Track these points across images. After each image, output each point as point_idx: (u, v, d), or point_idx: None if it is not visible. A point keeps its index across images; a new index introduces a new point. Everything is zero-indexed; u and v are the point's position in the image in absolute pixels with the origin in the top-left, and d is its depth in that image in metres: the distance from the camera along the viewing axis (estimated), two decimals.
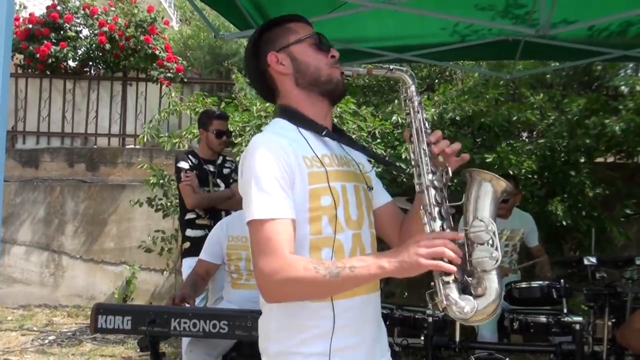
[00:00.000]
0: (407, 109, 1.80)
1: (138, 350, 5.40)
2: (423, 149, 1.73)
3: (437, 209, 1.67)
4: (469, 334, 4.63)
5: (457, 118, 6.20)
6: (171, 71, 8.99)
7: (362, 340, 1.77)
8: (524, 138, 7.03)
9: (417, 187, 1.73)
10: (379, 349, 1.87)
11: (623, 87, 7.92)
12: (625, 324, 3.72)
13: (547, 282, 4.12)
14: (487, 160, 5.86)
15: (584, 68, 7.80)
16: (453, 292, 1.60)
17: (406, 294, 6.55)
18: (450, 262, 1.56)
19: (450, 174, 1.74)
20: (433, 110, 6.06)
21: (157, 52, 9.03)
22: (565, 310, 3.94)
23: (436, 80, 7.65)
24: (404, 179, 5.94)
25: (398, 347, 4.53)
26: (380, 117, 6.03)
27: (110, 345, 6.19)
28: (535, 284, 4.18)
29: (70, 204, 8.13)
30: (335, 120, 5.70)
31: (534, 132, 6.85)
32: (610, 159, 7.53)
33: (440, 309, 1.62)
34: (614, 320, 4.16)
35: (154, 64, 8.99)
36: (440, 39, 4.73)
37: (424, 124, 1.77)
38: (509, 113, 6.12)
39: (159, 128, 7.14)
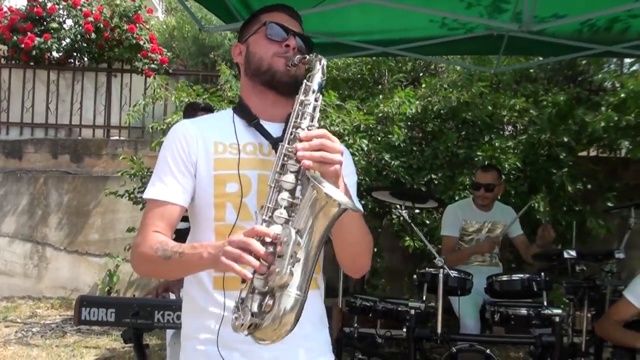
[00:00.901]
0: (298, 97, 1.64)
1: (123, 342, 5.41)
2: (287, 144, 1.58)
3: (276, 211, 1.51)
4: (452, 326, 4.68)
5: (442, 111, 6.25)
6: (155, 62, 8.95)
7: None
8: (508, 132, 7.09)
9: (269, 179, 1.57)
10: (304, 350, 1.76)
11: (606, 83, 7.99)
12: (604, 316, 3.77)
13: (527, 275, 4.16)
14: (475, 159, 5.93)
15: (568, 62, 7.85)
16: (251, 303, 1.45)
17: (388, 288, 6.60)
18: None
19: (307, 177, 1.51)
20: (417, 102, 6.09)
21: (141, 43, 8.98)
22: (545, 303, 3.99)
23: (421, 74, 7.68)
24: (390, 173, 5.98)
25: (381, 339, 4.59)
26: (364, 110, 6.06)
27: (94, 337, 6.19)
28: (515, 276, 4.22)
29: (54, 196, 8.10)
30: (319, 114, 5.71)
31: (517, 127, 6.90)
32: (594, 153, 7.61)
33: (233, 317, 1.49)
34: (593, 313, 4.23)
35: (139, 55, 8.94)
36: (425, 33, 4.74)
37: (311, 118, 1.61)
38: (494, 104, 6.17)
39: (143, 113, 7.11)
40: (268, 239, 1.44)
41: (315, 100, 1.63)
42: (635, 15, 4.18)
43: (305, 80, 1.67)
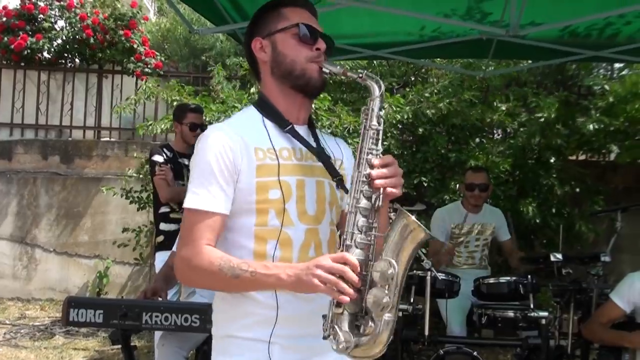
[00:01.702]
0: (364, 122, 1.73)
1: (111, 344, 5.40)
2: (362, 170, 1.67)
3: (356, 236, 1.63)
4: (440, 329, 4.70)
5: (431, 116, 6.28)
6: (149, 66, 8.95)
7: (307, 332, 1.77)
8: (497, 135, 7.13)
9: (345, 207, 1.71)
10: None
11: (595, 87, 8.03)
12: (591, 319, 3.81)
13: (514, 278, 4.18)
14: (464, 159, 5.96)
15: (557, 66, 7.89)
16: (341, 322, 1.60)
17: None
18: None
19: (381, 204, 1.66)
20: (408, 108, 6.12)
21: (134, 46, 8.98)
22: (532, 306, 4.02)
23: (412, 78, 7.71)
24: None
25: None
26: (355, 114, 6.08)
27: (83, 339, 6.18)
28: (503, 279, 4.24)
29: (44, 197, 8.07)
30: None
31: (507, 131, 6.94)
32: (582, 157, 7.66)
33: (326, 335, 1.62)
34: (580, 315, 4.26)
35: (132, 58, 8.93)
36: (416, 36, 4.77)
37: (376, 142, 1.70)
38: (482, 113, 6.21)
39: (134, 114, 7.10)
40: (357, 270, 1.57)
41: (379, 124, 1.70)
42: (628, 22, 4.22)
43: (368, 104, 1.72)
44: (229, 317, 1.81)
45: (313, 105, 5.71)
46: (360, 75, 1.75)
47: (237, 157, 1.74)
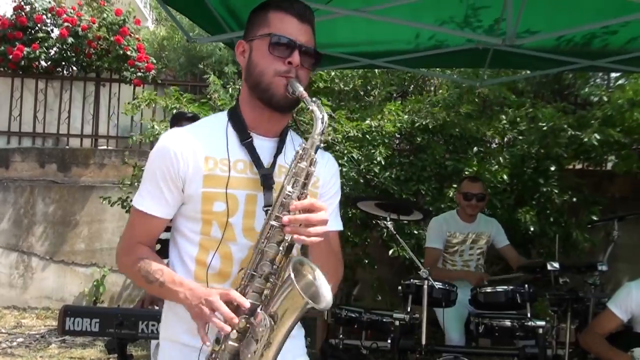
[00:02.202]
0: (294, 161, 1.64)
1: (107, 353, 5.38)
2: (277, 209, 1.61)
3: (255, 278, 1.60)
4: (437, 338, 4.70)
5: (430, 126, 6.30)
6: (142, 70, 8.95)
7: None
8: (496, 144, 7.14)
9: (254, 244, 1.65)
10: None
11: (592, 97, 8.05)
12: (588, 328, 3.80)
13: (511, 287, 4.19)
14: (460, 171, 5.97)
15: (554, 76, 7.92)
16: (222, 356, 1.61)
17: (380, 297, 6.61)
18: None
19: (292, 248, 1.62)
20: (406, 117, 6.14)
21: (128, 53, 8.99)
22: (529, 315, 4.01)
23: (411, 87, 7.73)
24: (377, 183, 6.01)
25: (366, 350, 4.59)
26: (355, 121, 6.10)
27: (79, 348, 6.15)
28: (500, 288, 4.24)
29: (41, 205, 8.06)
30: (308, 124, 5.74)
31: (505, 140, 6.95)
32: (579, 166, 7.67)
33: None
34: (577, 325, 4.26)
35: (126, 64, 8.94)
36: (412, 45, 4.78)
37: (303, 184, 1.61)
38: (477, 129, 6.24)
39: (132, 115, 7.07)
40: (244, 309, 1.58)
41: (310, 165, 1.62)
42: (613, 32, 4.24)
43: (303, 144, 1.64)
44: (172, 319, 1.83)
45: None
46: (310, 107, 1.64)
47: (183, 165, 1.71)
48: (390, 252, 5.97)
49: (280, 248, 1.60)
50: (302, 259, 1.61)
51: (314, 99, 1.66)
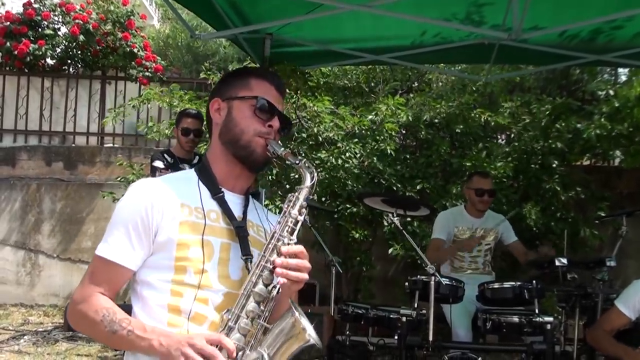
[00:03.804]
0: (286, 208, 1.70)
1: (113, 349, 5.39)
2: (268, 254, 1.64)
3: (242, 320, 1.59)
4: (444, 334, 4.68)
5: (435, 121, 6.27)
6: (150, 70, 8.96)
7: None
8: (501, 141, 7.12)
9: (242, 287, 1.65)
10: None
11: (599, 92, 8.02)
12: (595, 325, 3.77)
13: (519, 283, 4.15)
14: (465, 169, 5.95)
15: (561, 72, 7.89)
16: None
17: (385, 293, 6.60)
18: None
19: (277, 294, 1.63)
20: (410, 112, 6.12)
21: (135, 50, 8.99)
22: (537, 311, 3.98)
23: (415, 84, 7.71)
24: (382, 180, 6.00)
25: (373, 347, 4.57)
26: (358, 116, 6.08)
27: (86, 345, 6.16)
28: (507, 284, 4.20)
29: (48, 203, 8.08)
30: (311, 120, 5.73)
31: (510, 135, 6.93)
32: (587, 162, 7.63)
33: None
34: (585, 321, 4.23)
35: (133, 63, 8.95)
36: (418, 41, 4.76)
37: (291, 231, 1.66)
38: (479, 117, 6.20)
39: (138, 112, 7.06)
40: (232, 355, 1.53)
41: (300, 214, 1.68)
42: (618, 27, 4.21)
43: (295, 192, 1.71)
44: None
45: (315, 108, 5.77)
46: (298, 162, 1.73)
47: (157, 214, 1.69)
48: (390, 250, 5.95)
49: (269, 290, 1.61)
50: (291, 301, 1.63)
51: (298, 157, 1.74)
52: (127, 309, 1.73)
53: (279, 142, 1.81)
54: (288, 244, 1.64)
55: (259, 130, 1.77)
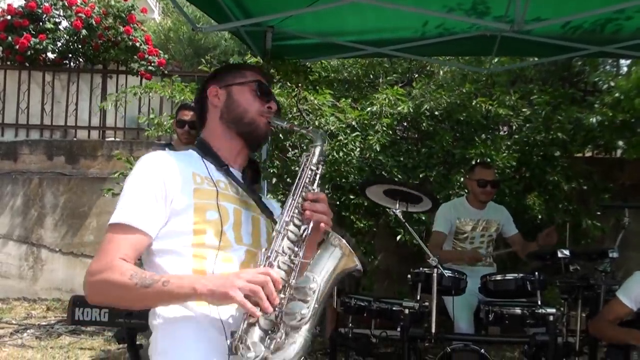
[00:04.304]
0: (303, 161, 1.84)
1: (117, 342, 5.40)
2: (296, 200, 1.75)
3: (280, 257, 1.64)
4: (447, 326, 4.68)
5: (436, 112, 6.25)
6: (152, 64, 8.96)
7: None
8: (503, 132, 7.10)
9: (274, 229, 1.72)
10: None
11: (601, 83, 8.01)
12: (598, 316, 3.77)
13: (521, 275, 4.15)
14: (468, 156, 5.93)
15: (563, 63, 7.87)
16: (251, 335, 1.55)
17: (388, 285, 6.59)
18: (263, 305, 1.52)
19: (309, 233, 1.72)
20: (410, 103, 6.11)
21: (137, 45, 8.98)
22: (539, 302, 3.98)
23: (416, 75, 7.69)
24: (383, 172, 5.99)
25: (375, 339, 4.58)
26: (359, 108, 6.07)
27: (89, 338, 6.18)
28: (509, 276, 4.19)
29: (50, 197, 8.08)
30: (312, 113, 5.73)
31: (512, 127, 6.92)
32: (589, 154, 7.63)
33: (233, 350, 1.56)
34: (587, 312, 4.23)
35: (135, 57, 8.95)
36: (420, 33, 4.76)
37: (312, 182, 1.80)
38: (481, 107, 6.18)
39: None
40: (278, 286, 1.57)
41: (317, 168, 1.82)
42: (628, 17, 4.20)
43: (310, 150, 1.85)
44: (169, 351, 1.70)
45: (316, 101, 5.76)
46: (307, 128, 1.94)
47: (172, 179, 1.74)
48: (398, 237, 5.94)
49: (300, 231, 1.72)
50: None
51: (304, 125, 1.86)
52: None
53: (281, 119, 1.99)
54: (310, 190, 1.78)
55: (260, 110, 1.92)
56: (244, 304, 1.50)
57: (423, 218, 5.88)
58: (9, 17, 8.88)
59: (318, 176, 1.82)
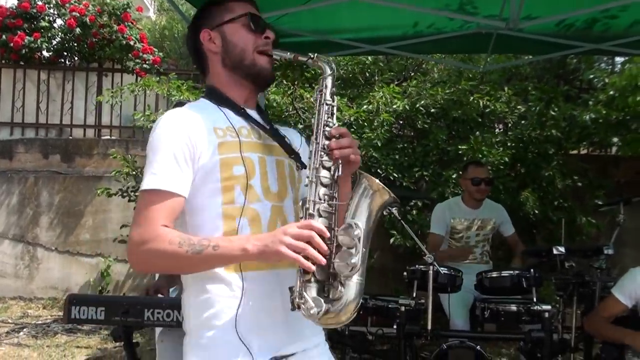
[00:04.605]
0: (317, 98, 1.77)
1: (113, 341, 5.39)
2: (320, 142, 1.70)
3: (318, 205, 1.63)
4: (442, 323, 4.69)
5: (432, 110, 6.26)
6: (147, 62, 8.94)
7: (276, 313, 1.72)
8: (498, 130, 7.12)
9: (305, 180, 1.72)
10: (307, 329, 1.79)
11: (596, 81, 8.03)
12: (593, 313, 3.79)
13: (517, 272, 4.16)
14: (460, 152, 5.93)
15: (558, 61, 7.89)
16: (309, 291, 1.57)
17: (383, 283, 6.60)
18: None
19: (341, 172, 1.69)
20: (406, 100, 6.11)
21: (132, 43, 8.97)
22: (535, 299, 4.00)
23: (412, 73, 7.70)
24: (378, 170, 5.99)
25: (372, 336, 4.58)
26: (354, 107, 6.08)
27: (85, 337, 6.18)
28: (505, 273, 4.21)
29: (45, 196, 8.07)
30: (307, 111, 5.73)
31: (508, 124, 6.94)
32: (584, 151, 7.65)
33: (295, 306, 1.58)
34: (583, 309, 4.25)
35: (130, 55, 8.94)
36: (415, 30, 4.75)
37: (330, 117, 1.74)
38: (477, 103, 6.18)
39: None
40: (325, 234, 1.57)
41: (333, 100, 1.76)
42: (613, 16, 4.21)
43: (320, 82, 1.77)
44: (199, 305, 1.73)
45: (312, 99, 5.75)
46: (312, 57, 1.78)
47: (196, 137, 1.71)
48: (392, 240, 5.95)
49: (332, 173, 1.68)
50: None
51: (308, 54, 1.79)
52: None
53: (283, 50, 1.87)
54: (332, 126, 1.72)
55: (258, 44, 1.84)
56: (297, 258, 1.52)
57: (416, 219, 5.88)
58: (2, 18, 8.86)
59: (335, 109, 1.77)
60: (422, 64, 7.62)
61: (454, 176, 5.87)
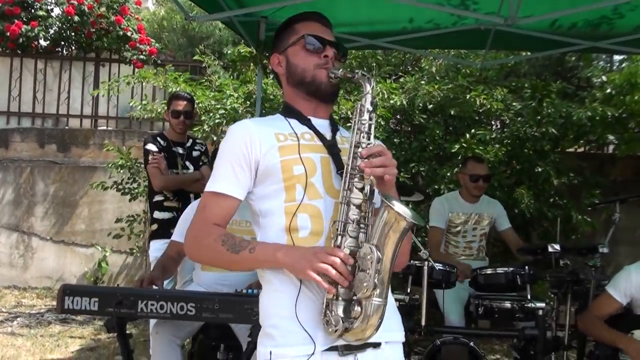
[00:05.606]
0: (356, 116, 1.82)
1: (106, 332, 5.39)
2: (352, 162, 1.76)
3: (348, 225, 1.72)
4: (437, 319, 4.70)
5: (429, 106, 6.24)
6: (144, 53, 8.92)
7: None
8: (495, 127, 7.11)
9: (340, 196, 1.77)
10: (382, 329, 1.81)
11: (594, 79, 8.02)
12: (586, 311, 3.78)
13: (512, 269, 4.16)
14: (453, 151, 5.93)
15: (557, 58, 7.88)
16: (336, 308, 1.68)
17: None
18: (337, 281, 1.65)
19: (374, 192, 1.75)
20: (403, 96, 6.10)
21: (129, 34, 8.94)
22: (529, 297, 4.00)
23: (409, 68, 7.68)
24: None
25: None
26: (352, 101, 6.06)
27: (79, 327, 6.17)
28: (500, 270, 4.21)
29: (41, 185, 8.05)
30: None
31: (504, 121, 6.92)
32: (581, 150, 7.65)
33: (324, 320, 1.70)
34: (577, 307, 4.25)
35: (127, 46, 8.91)
36: (413, 25, 4.74)
37: (367, 135, 1.79)
38: (474, 101, 6.16)
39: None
40: (349, 261, 1.67)
41: (370, 119, 1.80)
42: (620, 15, 4.20)
43: (360, 100, 1.83)
44: (272, 303, 1.84)
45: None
46: (355, 75, 1.85)
47: (256, 145, 1.84)
48: None
49: (363, 194, 1.73)
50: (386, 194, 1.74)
51: (355, 71, 1.86)
52: None
53: (338, 66, 1.95)
54: (367, 146, 1.77)
55: (317, 63, 1.93)
56: (319, 282, 1.65)
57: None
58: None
59: (372, 128, 1.81)
60: (420, 59, 7.60)
61: (448, 174, 5.87)
